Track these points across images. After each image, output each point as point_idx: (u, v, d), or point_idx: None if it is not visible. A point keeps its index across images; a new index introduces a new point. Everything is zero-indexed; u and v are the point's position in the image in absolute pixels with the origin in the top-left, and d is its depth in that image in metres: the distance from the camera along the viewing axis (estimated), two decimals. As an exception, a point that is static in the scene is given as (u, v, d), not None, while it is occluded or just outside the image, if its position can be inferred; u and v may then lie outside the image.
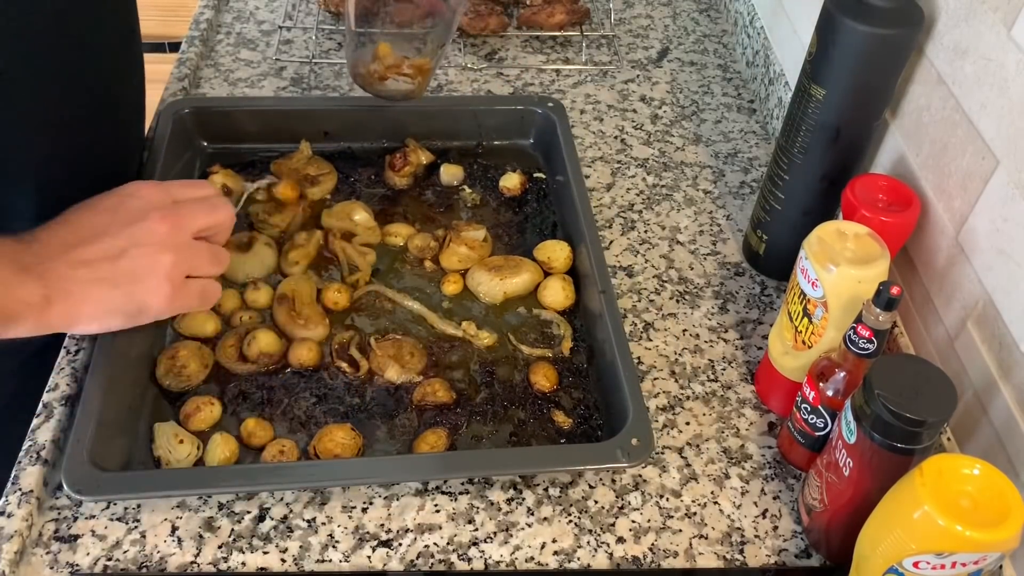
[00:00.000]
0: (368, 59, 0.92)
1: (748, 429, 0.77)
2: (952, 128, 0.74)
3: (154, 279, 0.66)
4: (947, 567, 0.55)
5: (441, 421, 0.75)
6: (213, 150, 0.96)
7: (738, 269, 0.91)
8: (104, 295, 0.64)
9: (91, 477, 0.65)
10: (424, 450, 0.72)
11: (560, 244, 0.88)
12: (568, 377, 0.79)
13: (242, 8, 1.21)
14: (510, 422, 0.75)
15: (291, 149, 0.95)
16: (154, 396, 0.75)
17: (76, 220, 0.66)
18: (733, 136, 1.07)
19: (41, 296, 0.61)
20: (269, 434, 0.72)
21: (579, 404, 0.77)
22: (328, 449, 0.71)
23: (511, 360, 0.80)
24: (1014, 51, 0.66)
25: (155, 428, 0.72)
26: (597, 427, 0.76)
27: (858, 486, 0.62)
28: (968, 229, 0.72)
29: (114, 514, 0.68)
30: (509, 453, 0.73)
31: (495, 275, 0.85)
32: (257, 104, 1.01)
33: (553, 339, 0.82)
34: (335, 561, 0.66)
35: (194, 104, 0.96)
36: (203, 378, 0.76)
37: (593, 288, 0.82)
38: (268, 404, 0.75)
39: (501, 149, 1.01)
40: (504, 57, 1.15)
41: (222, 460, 0.70)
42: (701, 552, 0.69)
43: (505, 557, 0.68)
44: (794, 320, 0.73)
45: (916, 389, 0.59)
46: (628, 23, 1.25)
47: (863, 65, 0.75)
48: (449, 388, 0.76)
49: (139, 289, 0.65)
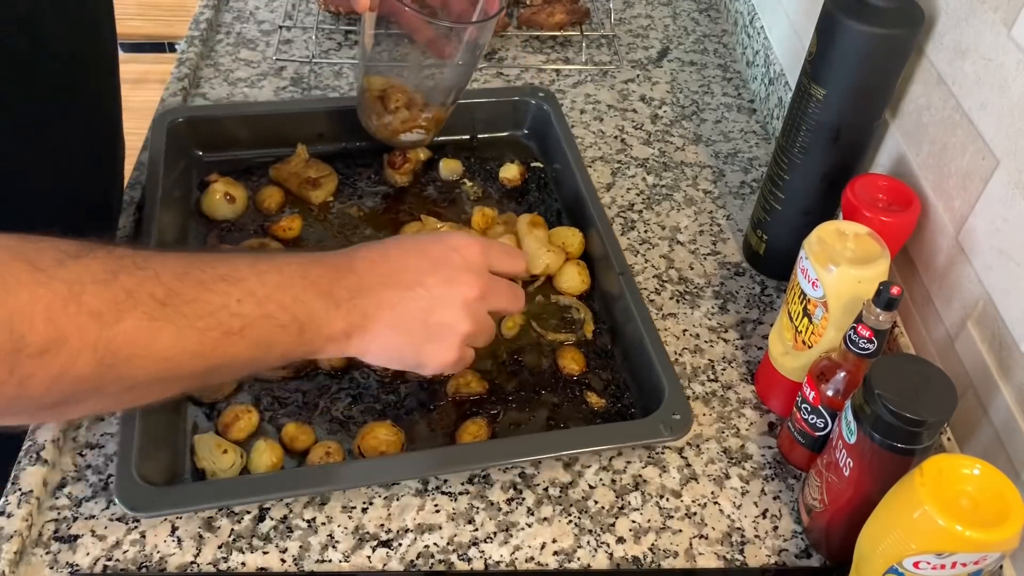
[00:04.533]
0: (380, 109, 0.90)
1: (748, 429, 0.77)
2: (952, 128, 0.74)
3: (445, 344, 0.65)
4: (947, 567, 0.55)
5: (478, 411, 0.76)
6: (209, 159, 0.95)
7: (738, 269, 0.91)
8: (397, 342, 0.64)
9: (145, 494, 0.64)
10: (467, 440, 0.73)
11: (572, 230, 0.90)
12: (594, 359, 0.81)
13: (242, 8, 1.21)
14: (545, 407, 0.77)
15: (287, 153, 0.94)
16: (187, 409, 0.75)
17: (399, 260, 0.65)
18: (733, 136, 1.07)
19: (343, 332, 0.62)
20: (311, 437, 0.72)
21: (609, 384, 0.79)
22: (372, 447, 0.71)
23: (536, 347, 0.81)
24: (1014, 51, 0.66)
25: (195, 440, 0.71)
26: (630, 405, 0.78)
27: (858, 486, 0.62)
28: (968, 229, 0.72)
29: (114, 514, 0.68)
30: (556, 436, 0.74)
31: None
32: (250, 110, 1.00)
33: (574, 323, 0.84)
34: (335, 561, 0.66)
35: (187, 113, 0.95)
36: (234, 387, 0.76)
37: (610, 271, 0.83)
38: (305, 408, 0.75)
39: (495, 141, 1.01)
40: (504, 57, 1.15)
41: (269, 467, 0.70)
42: (701, 552, 0.69)
43: (505, 557, 0.68)
44: (794, 320, 0.73)
45: (916, 389, 0.59)
46: (628, 23, 1.25)
47: (863, 65, 0.75)
48: (481, 378, 0.77)
49: (429, 349, 0.65)
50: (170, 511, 0.67)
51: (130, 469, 0.65)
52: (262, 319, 0.57)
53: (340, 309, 0.61)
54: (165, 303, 0.52)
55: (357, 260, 0.64)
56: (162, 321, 0.52)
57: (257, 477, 0.69)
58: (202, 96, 1.06)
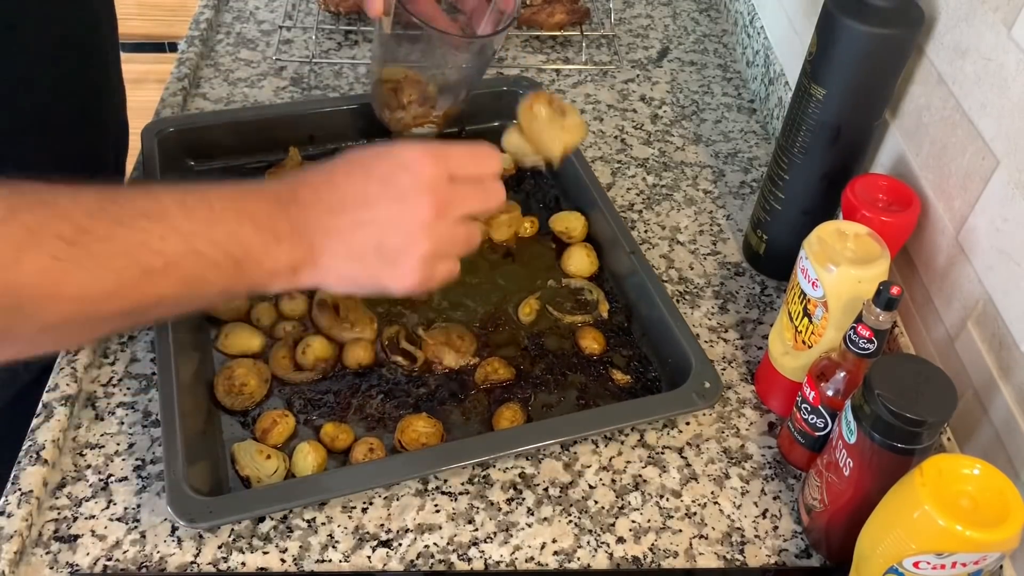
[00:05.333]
0: (394, 103, 0.90)
1: (748, 429, 0.77)
2: (952, 128, 0.74)
3: (404, 267, 0.61)
4: (947, 567, 0.55)
5: (509, 397, 0.77)
6: (201, 168, 0.94)
7: (738, 269, 0.91)
8: (351, 271, 0.61)
9: (199, 505, 0.64)
10: (504, 426, 0.74)
11: (574, 214, 0.91)
12: (613, 337, 0.83)
13: (242, 8, 1.21)
14: (573, 387, 0.78)
15: (280, 158, 0.94)
16: (220, 418, 0.74)
17: (343, 184, 0.61)
18: (733, 136, 1.07)
19: (288, 267, 0.58)
20: (350, 436, 0.73)
21: (631, 360, 0.81)
22: (413, 440, 0.72)
23: (555, 330, 0.83)
24: (1014, 51, 0.66)
25: (234, 448, 0.71)
26: (655, 379, 0.79)
27: (858, 486, 0.62)
28: (968, 229, 0.72)
29: (114, 514, 0.68)
30: (594, 414, 0.75)
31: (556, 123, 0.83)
32: (238, 116, 0.99)
33: (588, 304, 0.85)
34: (335, 561, 0.66)
35: (176, 123, 0.93)
36: (264, 393, 0.76)
37: (619, 250, 0.85)
38: (338, 408, 0.76)
39: (484, 133, 1.00)
40: (504, 56, 1.15)
41: (314, 467, 0.70)
42: (701, 552, 0.69)
43: (505, 557, 0.68)
44: (794, 320, 0.73)
45: (916, 389, 0.59)
46: (628, 23, 1.25)
47: (863, 65, 0.75)
48: (507, 365, 0.79)
49: (387, 273, 0.61)
50: (228, 519, 0.66)
51: (180, 482, 0.65)
52: (189, 256, 0.53)
53: (282, 244, 0.57)
54: (73, 242, 0.49)
55: (300, 189, 0.60)
56: (69, 262, 0.49)
57: (312, 478, 0.69)
58: (202, 96, 1.06)
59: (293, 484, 0.69)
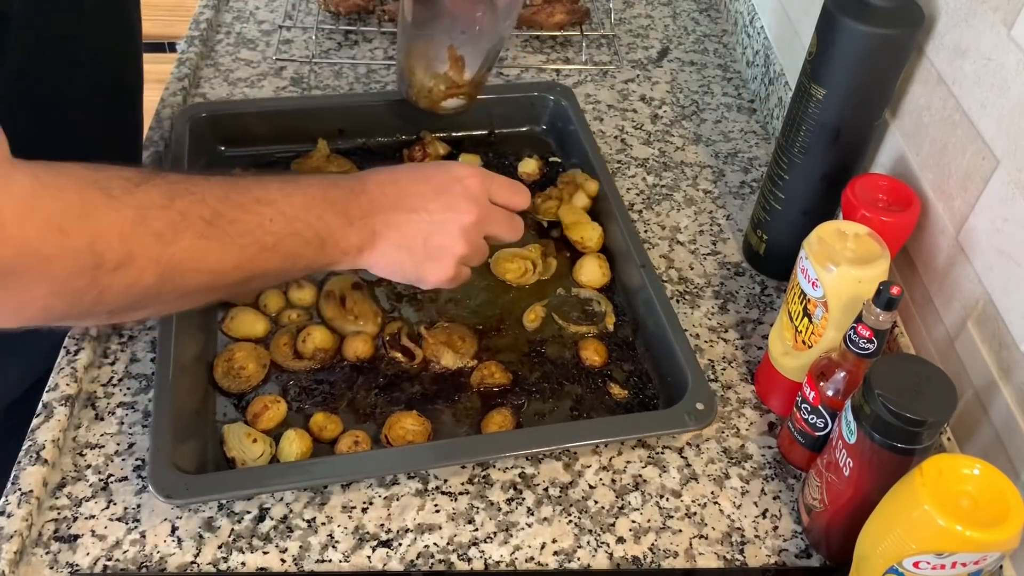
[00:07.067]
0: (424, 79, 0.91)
1: (748, 429, 0.77)
2: (952, 128, 0.74)
3: (443, 263, 0.71)
4: (947, 567, 0.55)
5: (503, 402, 0.77)
6: (231, 154, 0.96)
7: (738, 269, 0.91)
8: (400, 258, 0.70)
9: (179, 481, 0.65)
10: (493, 430, 0.74)
11: (592, 224, 0.91)
12: (616, 351, 0.82)
13: (242, 8, 1.21)
14: (568, 398, 0.78)
15: (308, 149, 0.96)
16: (216, 399, 0.75)
17: (406, 186, 0.71)
18: (733, 136, 1.07)
19: (355, 247, 0.68)
20: (339, 427, 0.73)
21: (631, 376, 0.80)
22: (399, 436, 0.72)
23: (558, 339, 0.83)
24: (1014, 51, 0.66)
25: (224, 430, 0.72)
26: (652, 396, 0.79)
27: (858, 486, 0.62)
28: (968, 229, 0.72)
29: (114, 514, 0.68)
30: (582, 426, 0.75)
31: None
32: (272, 105, 1.01)
33: (595, 316, 0.85)
34: (335, 561, 0.66)
35: (210, 109, 0.96)
36: (262, 378, 0.77)
37: (630, 264, 0.85)
38: (331, 398, 0.76)
39: (513, 137, 1.02)
40: (504, 56, 1.15)
41: (299, 455, 0.71)
42: (701, 552, 0.69)
43: (505, 557, 0.68)
44: (794, 320, 0.73)
45: (916, 389, 0.59)
46: (628, 23, 1.25)
47: (863, 65, 0.75)
48: (505, 370, 0.78)
49: (428, 267, 0.71)
50: (204, 498, 0.67)
51: (163, 458, 0.66)
52: (291, 236, 0.64)
53: (354, 227, 0.67)
54: (212, 223, 0.60)
55: (369, 184, 0.70)
56: (210, 240, 0.60)
57: (290, 465, 0.70)
58: (202, 96, 1.06)
59: (273, 469, 0.69)
